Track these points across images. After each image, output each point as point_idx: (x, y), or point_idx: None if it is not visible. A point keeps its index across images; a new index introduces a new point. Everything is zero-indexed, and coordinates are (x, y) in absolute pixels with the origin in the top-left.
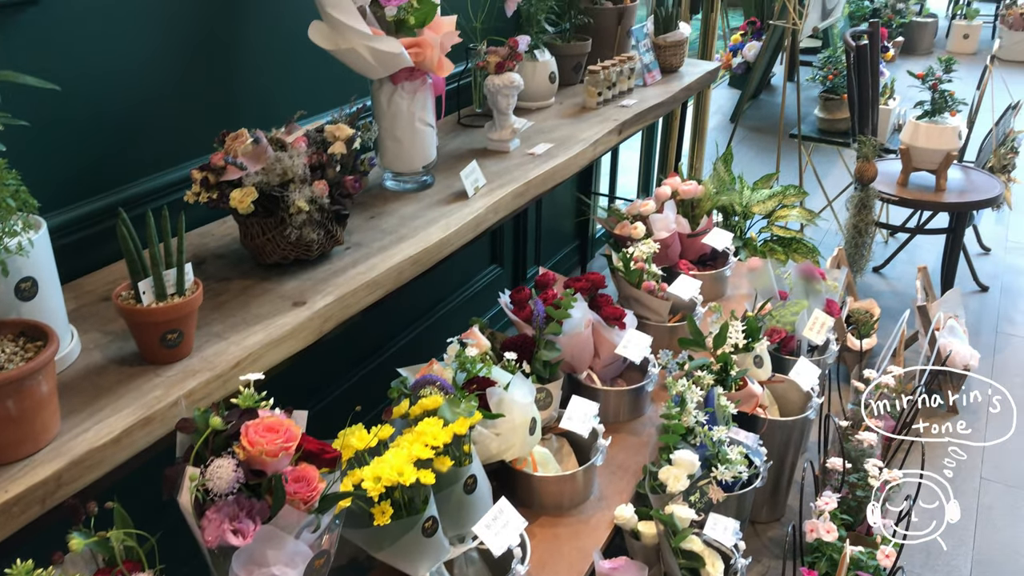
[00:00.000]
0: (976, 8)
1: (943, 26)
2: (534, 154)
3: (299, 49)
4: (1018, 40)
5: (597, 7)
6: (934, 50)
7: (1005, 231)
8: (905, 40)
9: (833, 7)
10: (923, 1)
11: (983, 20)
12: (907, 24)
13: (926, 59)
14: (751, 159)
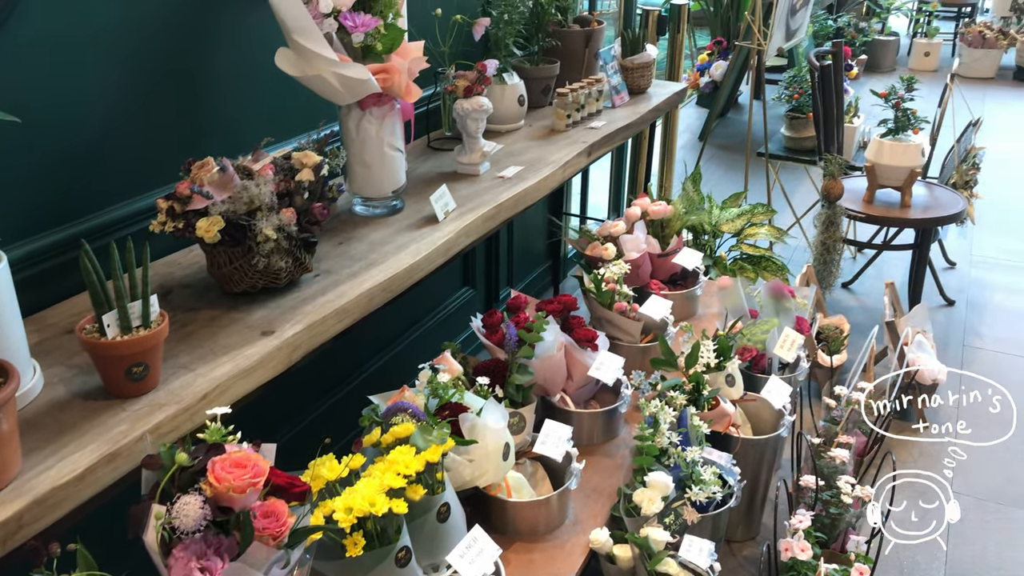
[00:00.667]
0: (936, 27)
1: (905, 44)
2: (504, 177)
3: (266, 75)
4: (977, 58)
5: (564, 30)
6: (897, 67)
7: (969, 245)
8: (868, 58)
9: (797, 28)
10: (885, 20)
11: (943, 38)
12: (870, 42)
13: (889, 76)
14: (720, 177)
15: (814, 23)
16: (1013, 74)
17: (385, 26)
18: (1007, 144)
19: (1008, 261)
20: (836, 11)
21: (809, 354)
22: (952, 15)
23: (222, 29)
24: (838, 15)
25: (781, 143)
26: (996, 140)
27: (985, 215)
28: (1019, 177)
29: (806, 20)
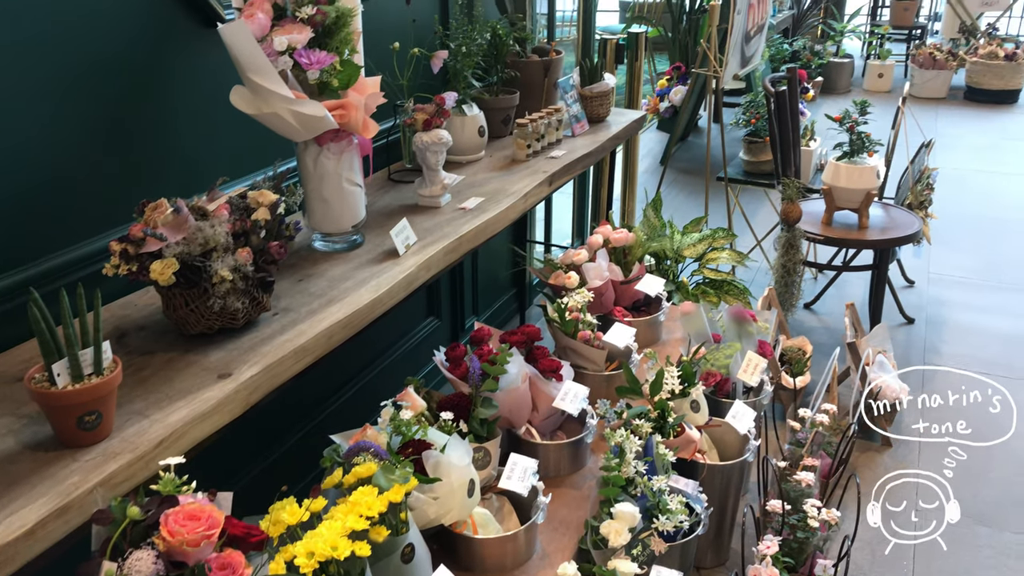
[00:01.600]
0: (888, 49)
1: (859, 65)
2: (465, 209)
3: (222, 113)
4: (929, 78)
5: (523, 60)
6: (852, 88)
7: (927, 264)
8: (824, 80)
9: (752, 54)
10: (839, 43)
11: (896, 60)
12: (825, 65)
13: (845, 97)
14: (683, 200)
15: (770, 47)
16: (964, 94)
17: (341, 62)
18: (960, 162)
19: (964, 278)
20: (792, 35)
21: (773, 377)
22: (903, 37)
23: (175, 67)
24: (794, 39)
25: (740, 167)
26: (949, 158)
27: (941, 233)
28: (973, 195)
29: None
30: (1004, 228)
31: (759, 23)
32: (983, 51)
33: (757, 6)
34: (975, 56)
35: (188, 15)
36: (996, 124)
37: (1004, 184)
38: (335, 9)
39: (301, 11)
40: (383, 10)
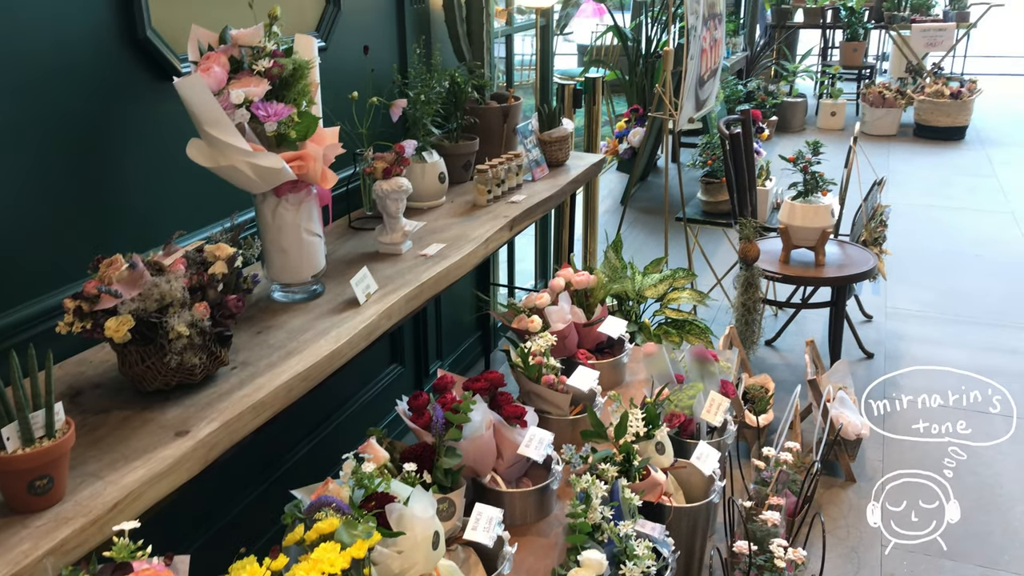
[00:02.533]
0: (840, 88)
1: (812, 104)
2: (426, 255)
3: (179, 165)
4: (879, 116)
5: (482, 107)
6: (806, 127)
7: (884, 298)
8: (779, 119)
9: (706, 98)
10: (792, 83)
11: (847, 98)
12: (780, 104)
13: (800, 136)
14: (644, 240)
15: (725, 88)
16: (913, 131)
17: (299, 114)
18: (912, 198)
19: (920, 312)
20: (746, 76)
21: (736, 415)
22: (853, 77)
23: (131, 120)
24: (748, 80)
25: (699, 207)
26: (902, 194)
27: (896, 268)
28: (926, 229)
29: (715, 89)
30: (956, 262)
31: (712, 67)
32: (930, 90)
33: (710, 51)
34: (922, 95)
35: (144, 68)
36: (945, 160)
37: (955, 218)
38: (292, 61)
39: (258, 64)
40: (341, 60)
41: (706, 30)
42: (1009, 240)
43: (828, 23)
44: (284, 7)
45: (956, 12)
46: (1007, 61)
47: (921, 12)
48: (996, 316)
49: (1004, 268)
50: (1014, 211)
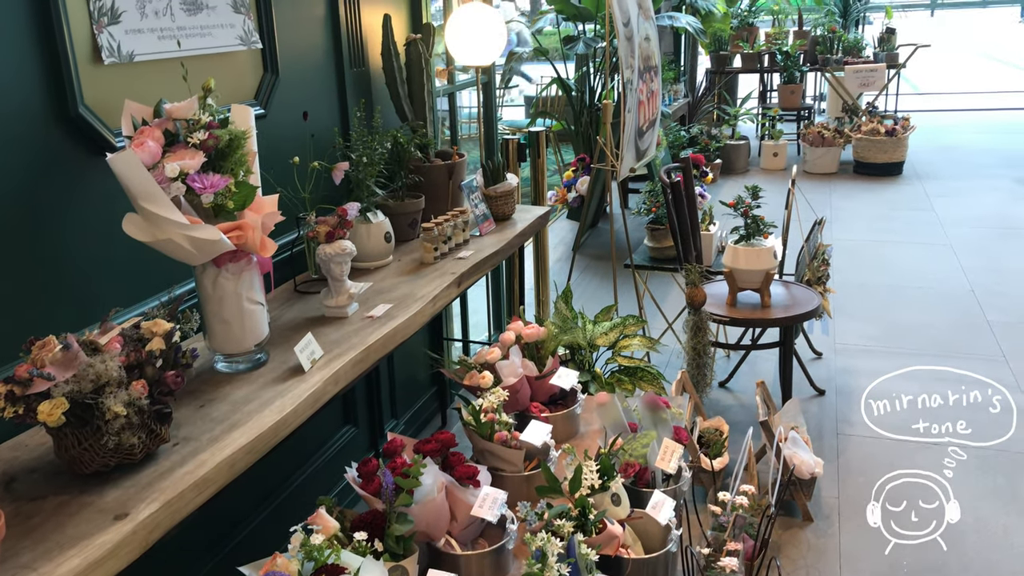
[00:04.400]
0: (780, 129)
1: (755, 146)
2: (373, 317)
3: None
4: (820, 155)
5: (426, 165)
6: (750, 168)
7: (833, 335)
8: (723, 162)
9: (646, 148)
10: (734, 126)
11: (788, 139)
12: (723, 147)
13: (744, 177)
14: (596, 287)
15: (668, 135)
16: (853, 168)
17: (236, 184)
18: (854, 234)
19: (868, 346)
20: (688, 121)
21: (692, 460)
22: (793, 118)
23: (65, 196)
24: (690, 125)
25: (646, 253)
26: (845, 230)
27: (843, 303)
28: (869, 264)
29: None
30: (900, 295)
31: (651, 118)
32: (866, 128)
33: (647, 103)
34: (859, 133)
35: (77, 144)
36: (884, 196)
37: (896, 252)
38: (228, 132)
39: (193, 137)
40: (281, 126)
41: (642, 83)
42: (949, 272)
43: (765, 67)
44: (221, 76)
45: (886, 53)
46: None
47: (853, 54)
48: (941, 347)
49: (945, 300)
50: (952, 243)
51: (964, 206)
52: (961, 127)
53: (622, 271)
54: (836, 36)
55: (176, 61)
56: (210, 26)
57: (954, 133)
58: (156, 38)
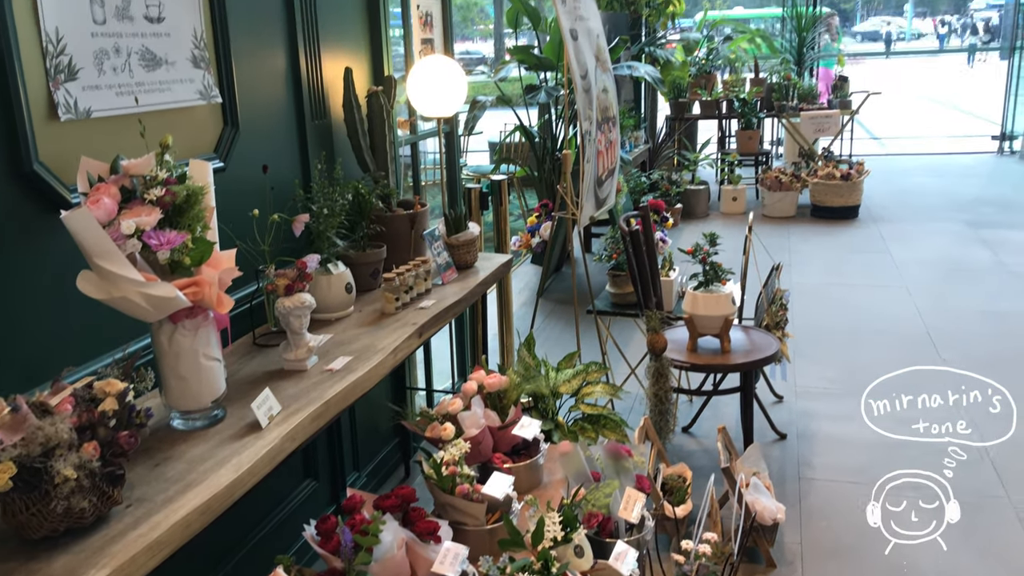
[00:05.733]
0: (739, 175)
1: (715, 190)
2: (332, 370)
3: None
4: (778, 199)
5: (388, 215)
6: (710, 212)
7: (793, 378)
8: (684, 206)
9: (606, 196)
10: (694, 171)
11: (746, 183)
12: (683, 192)
13: (705, 221)
14: (560, 332)
15: (629, 180)
16: (810, 211)
17: (193, 240)
18: (813, 276)
19: (828, 389)
20: (649, 167)
21: (656, 508)
22: (751, 162)
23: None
24: (651, 171)
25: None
26: (804, 272)
27: (802, 346)
28: (828, 306)
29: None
30: (857, 337)
31: (610, 168)
32: (822, 173)
33: (606, 153)
34: (816, 177)
35: (32, 201)
36: (841, 239)
37: (853, 295)
38: (185, 188)
39: (149, 193)
40: (241, 179)
41: (600, 133)
42: (904, 313)
43: (724, 114)
44: (180, 130)
45: (839, 100)
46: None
47: (808, 101)
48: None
49: (902, 341)
50: (907, 285)
51: (918, 248)
52: (913, 171)
53: (585, 316)
54: (791, 83)
55: (134, 116)
56: (169, 81)
57: (907, 177)
58: (114, 94)
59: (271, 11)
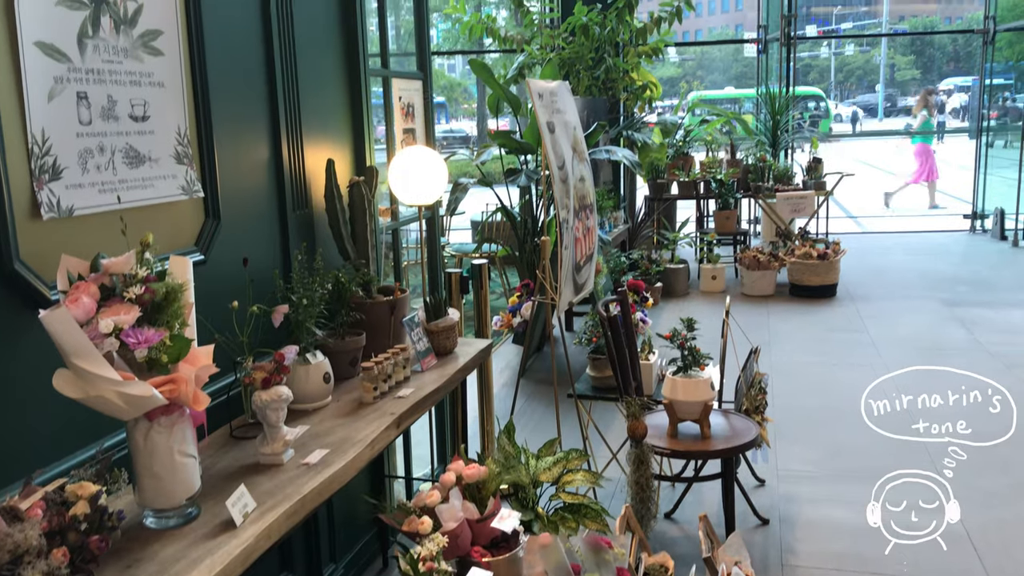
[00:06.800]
0: (718, 254)
1: (694, 268)
2: (309, 464)
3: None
4: (756, 278)
5: (368, 302)
6: (690, 290)
7: (775, 460)
8: (664, 285)
9: (584, 281)
10: (673, 250)
11: (725, 263)
12: (663, 271)
13: (684, 300)
14: (541, 414)
15: (609, 260)
16: (789, 290)
17: (171, 337)
18: (793, 356)
19: (810, 472)
20: (629, 247)
21: None
22: (730, 242)
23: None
24: (631, 252)
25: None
26: (783, 352)
27: (784, 427)
28: (808, 386)
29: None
30: (838, 418)
31: (587, 254)
32: (799, 252)
33: (584, 239)
34: (793, 257)
35: (11, 299)
36: (820, 318)
37: (833, 375)
38: (165, 285)
39: (129, 291)
40: (222, 271)
41: (578, 221)
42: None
43: (701, 194)
44: (162, 225)
45: (814, 181)
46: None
47: (783, 182)
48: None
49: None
50: (886, 364)
51: (895, 327)
52: (889, 249)
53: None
54: (767, 165)
55: (116, 213)
56: (152, 177)
57: (883, 255)
58: (97, 191)
59: (254, 104)
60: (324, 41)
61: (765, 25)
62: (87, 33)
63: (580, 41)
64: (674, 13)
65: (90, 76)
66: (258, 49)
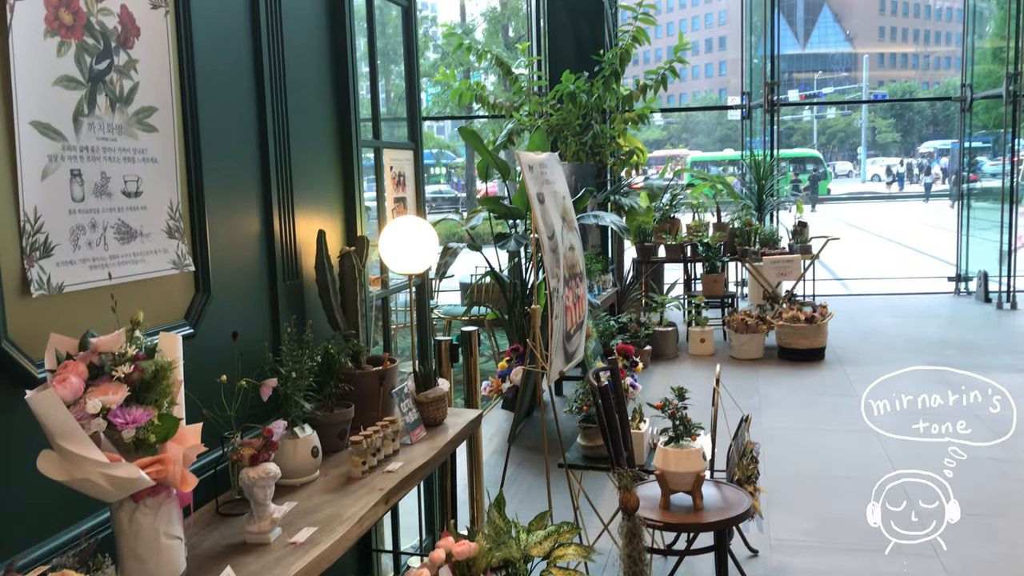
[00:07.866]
0: (706, 317)
1: (683, 331)
2: (296, 543)
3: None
4: (744, 341)
5: (357, 373)
6: (679, 353)
7: (768, 530)
8: (653, 348)
9: (574, 350)
10: (662, 313)
11: (713, 325)
12: (652, 334)
13: (674, 362)
14: (531, 482)
15: (599, 324)
16: (777, 353)
17: (159, 416)
18: (783, 422)
19: (803, 542)
20: (617, 311)
21: None
22: (718, 304)
23: None
24: (619, 315)
25: (580, 451)
26: (774, 418)
27: (776, 495)
28: (799, 454)
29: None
30: (832, 486)
31: (578, 322)
32: (787, 315)
33: (574, 308)
34: (781, 320)
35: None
36: (809, 381)
37: (824, 440)
38: (154, 363)
39: (118, 370)
40: (211, 345)
41: (568, 289)
42: (874, 459)
43: (688, 257)
44: (152, 299)
45: (800, 245)
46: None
47: (770, 245)
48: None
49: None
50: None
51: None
52: (876, 311)
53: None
54: (753, 228)
55: (107, 289)
56: (143, 252)
57: (870, 318)
58: (88, 268)
59: (246, 177)
60: (317, 112)
61: (749, 92)
62: (83, 112)
63: (568, 108)
64: (659, 80)
65: (84, 154)
66: (251, 123)
